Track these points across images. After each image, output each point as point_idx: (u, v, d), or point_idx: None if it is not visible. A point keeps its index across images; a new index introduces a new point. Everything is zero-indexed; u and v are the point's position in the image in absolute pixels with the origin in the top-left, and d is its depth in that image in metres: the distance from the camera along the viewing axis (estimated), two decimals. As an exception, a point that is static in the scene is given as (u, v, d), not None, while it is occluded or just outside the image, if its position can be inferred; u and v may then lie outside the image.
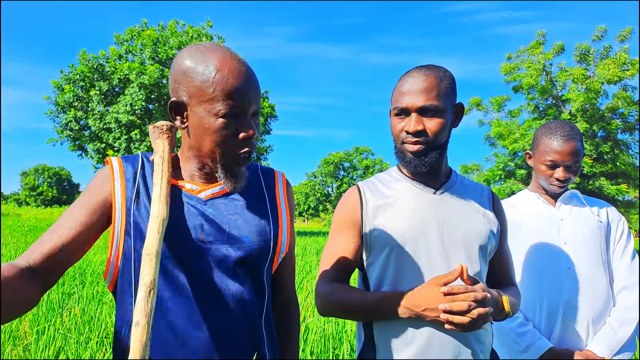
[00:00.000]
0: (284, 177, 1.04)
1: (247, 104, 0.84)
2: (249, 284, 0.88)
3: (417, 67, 1.09)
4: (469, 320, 0.90)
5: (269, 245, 0.92)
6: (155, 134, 0.92)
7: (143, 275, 0.72)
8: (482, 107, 17.17)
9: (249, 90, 0.84)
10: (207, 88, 0.82)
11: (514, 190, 14.99)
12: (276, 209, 0.97)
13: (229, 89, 0.82)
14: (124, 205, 0.85)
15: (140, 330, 0.67)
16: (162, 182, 0.84)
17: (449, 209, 1.10)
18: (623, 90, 14.29)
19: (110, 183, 0.87)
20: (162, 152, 0.89)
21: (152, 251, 0.74)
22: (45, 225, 16.62)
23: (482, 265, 1.08)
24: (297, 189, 47.59)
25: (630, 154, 14.85)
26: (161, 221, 0.78)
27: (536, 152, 1.51)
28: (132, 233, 0.83)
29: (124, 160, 0.91)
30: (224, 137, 0.84)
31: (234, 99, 0.83)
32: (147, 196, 0.86)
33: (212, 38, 19.20)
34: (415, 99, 1.04)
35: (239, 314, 0.86)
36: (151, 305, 0.69)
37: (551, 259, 1.43)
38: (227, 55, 0.84)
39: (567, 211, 1.49)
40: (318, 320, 3.21)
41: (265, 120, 20.24)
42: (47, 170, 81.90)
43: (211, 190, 0.91)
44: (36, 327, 2.99)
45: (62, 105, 17.33)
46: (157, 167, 0.86)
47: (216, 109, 0.83)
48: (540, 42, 15.52)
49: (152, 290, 0.71)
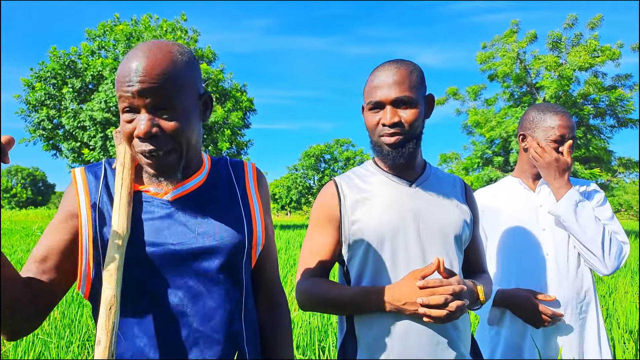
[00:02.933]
0: (254, 167, 1.01)
1: (138, 96, 0.76)
2: (225, 282, 0.86)
3: (387, 62, 1.11)
4: (446, 313, 0.93)
5: (243, 240, 0.89)
6: (117, 139, 0.89)
7: (104, 291, 0.71)
8: (458, 97, 17.42)
9: (137, 79, 0.75)
10: (116, 82, 0.80)
11: (491, 178, 15.32)
12: (248, 202, 0.94)
13: (120, 76, 0.78)
14: (90, 216, 0.83)
15: (102, 348, 0.66)
16: (122, 191, 0.81)
17: (425, 202, 1.12)
18: (594, 77, 14.71)
19: (74, 196, 0.85)
20: (122, 159, 0.85)
21: (111, 267, 0.73)
22: (20, 228, 16.11)
23: (458, 255, 1.11)
24: (279, 182, 47.46)
25: (602, 138, 15.35)
26: (120, 235, 0.76)
27: (538, 131, 1.46)
28: (99, 245, 0.82)
29: (87, 170, 0.88)
30: (126, 137, 0.81)
31: (122, 88, 0.77)
32: (110, 205, 0.84)
33: (186, 32, 18.83)
34: (389, 91, 1.06)
35: (216, 313, 0.84)
36: (114, 322, 0.68)
37: (529, 246, 1.44)
38: (140, 45, 0.80)
39: (546, 196, 1.48)
40: (303, 314, 3.24)
41: (244, 115, 20.04)
42: (20, 171, 79.27)
43: (178, 189, 0.88)
44: (14, 334, 2.91)
45: (34, 104, 16.79)
46: (118, 175, 0.84)
47: (119, 104, 0.80)
48: (514, 30, 15.80)
49: (112, 307, 0.70)
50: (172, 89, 0.78)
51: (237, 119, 18.51)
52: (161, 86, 0.77)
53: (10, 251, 8.12)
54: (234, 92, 19.56)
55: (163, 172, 0.83)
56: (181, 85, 0.80)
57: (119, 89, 0.78)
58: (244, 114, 19.97)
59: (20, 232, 14.10)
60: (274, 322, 1.00)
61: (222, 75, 18.87)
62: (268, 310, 1.01)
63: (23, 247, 8.92)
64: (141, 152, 0.80)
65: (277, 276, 1.03)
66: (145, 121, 0.77)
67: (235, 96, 19.42)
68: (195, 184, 0.90)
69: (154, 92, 0.77)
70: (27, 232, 13.47)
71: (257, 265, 0.97)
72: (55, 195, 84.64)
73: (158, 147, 0.79)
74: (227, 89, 19.41)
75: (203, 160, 0.94)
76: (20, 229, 15.43)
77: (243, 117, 19.80)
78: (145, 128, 0.77)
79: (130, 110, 0.79)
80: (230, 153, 19.44)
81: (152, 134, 0.78)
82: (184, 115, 0.81)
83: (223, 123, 18.41)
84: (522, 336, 1.41)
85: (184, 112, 0.81)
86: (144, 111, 0.78)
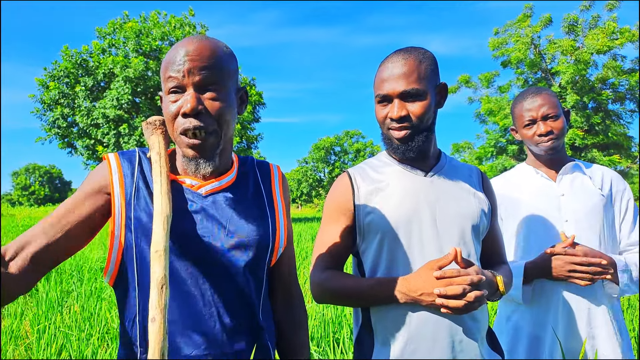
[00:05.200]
0: (280, 170, 1.03)
1: (187, 74, 0.80)
2: (248, 278, 0.88)
3: (396, 52, 1.08)
4: (464, 303, 0.90)
5: (268, 239, 0.91)
6: (148, 131, 0.90)
7: (154, 271, 0.72)
8: (471, 84, 17.13)
9: (187, 57, 0.80)
10: (162, 68, 0.84)
11: (506, 167, 15.10)
12: (272, 203, 0.96)
13: (168, 60, 0.83)
14: (124, 200, 0.84)
15: (157, 325, 0.68)
16: (162, 178, 0.83)
17: (440, 191, 1.09)
18: (613, 60, 14.28)
19: (108, 178, 0.86)
20: (158, 149, 0.87)
21: (160, 248, 0.74)
22: (39, 225, 16.48)
23: (475, 245, 1.08)
24: (289, 175, 47.55)
25: (621, 123, 14.94)
26: (165, 217, 0.78)
27: (516, 123, 1.49)
28: (132, 228, 0.83)
29: (121, 156, 0.89)
30: (171, 116, 0.83)
31: (171, 70, 0.82)
32: (147, 191, 0.85)
33: (194, 27, 18.87)
34: (396, 84, 1.03)
35: (239, 307, 0.87)
36: (165, 301, 0.70)
37: (551, 238, 1.38)
38: (187, 38, 0.84)
39: (568, 185, 1.42)
40: (317, 306, 3.25)
41: (254, 108, 20.07)
42: (37, 169, 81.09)
43: (211, 185, 0.90)
44: (37, 326, 2.99)
45: (48, 103, 17.08)
46: (155, 163, 0.85)
47: (165, 86, 0.83)
48: (528, 15, 15.41)
49: (164, 286, 0.71)
50: (219, 70, 0.83)
51: (246, 113, 18.56)
52: (209, 65, 0.81)
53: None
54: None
55: (204, 151, 0.84)
56: (226, 71, 0.85)
57: (167, 71, 0.82)
58: (253, 108, 20.01)
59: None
60: (292, 320, 1.03)
61: (232, 69, 18.86)
62: (286, 307, 1.03)
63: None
64: (184, 130, 0.82)
65: (295, 274, 1.06)
66: (193, 97, 0.80)
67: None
68: (227, 182, 0.92)
69: (202, 69, 0.81)
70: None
71: (277, 264, 1.00)
72: (72, 192, 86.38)
73: (202, 124, 0.81)
74: (236, 83, 19.41)
75: (232, 158, 0.97)
76: (40, 226, 15.78)
77: (252, 111, 19.84)
78: (193, 104, 0.80)
79: (177, 90, 0.82)
80: (240, 147, 19.53)
81: (198, 111, 0.80)
82: (227, 99, 0.85)
83: (233, 117, 18.44)
84: (542, 327, 1.38)
85: (227, 95, 0.85)
86: (191, 89, 0.81)
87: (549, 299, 1.38)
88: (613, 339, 1.34)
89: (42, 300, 3.76)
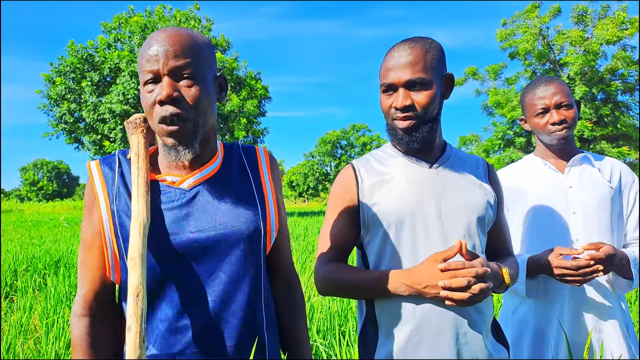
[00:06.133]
0: (267, 152, 1.01)
1: (161, 63, 0.80)
2: (244, 268, 0.87)
3: (402, 41, 1.06)
4: (469, 296, 0.89)
5: (259, 226, 0.90)
6: (130, 130, 0.90)
7: (130, 279, 0.73)
8: (478, 77, 16.95)
9: (160, 47, 0.81)
10: (138, 62, 0.85)
11: (513, 159, 14.97)
12: (261, 187, 0.95)
13: (142, 53, 0.83)
14: (108, 208, 0.85)
15: (134, 334, 0.68)
16: (139, 181, 0.82)
17: (446, 183, 1.08)
18: (622, 51, 14.04)
19: (92, 190, 0.87)
20: (136, 149, 0.86)
21: (135, 255, 0.74)
22: (48, 219, 16.70)
23: (480, 237, 1.07)
24: (296, 169, 47.58)
25: (630, 115, 14.74)
26: (141, 223, 0.77)
27: (527, 112, 1.46)
28: (119, 234, 0.83)
29: (102, 163, 0.90)
30: (149, 106, 0.83)
31: (145, 61, 0.82)
32: (127, 195, 0.86)
33: (200, 21, 18.83)
34: (401, 73, 1.02)
35: (236, 300, 0.85)
36: (142, 308, 0.70)
37: (558, 230, 1.37)
38: (160, 29, 0.85)
39: (577, 177, 1.40)
40: (323, 299, 3.25)
41: (260, 102, 20.03)
42: (45, 164, 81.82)
43: (193, 178, 0.88)
44: (45, 320, 3.03)
45: (55, 99, 17.16)
46: (133, 165, 0.84)
47: (142, 79, 0.84)
48: (536, 5, 15.18)
49: (139, 294, 0.71)
50: (193, 57, 0.83)
51: (252, 107, 18.54)
52: (183, 53, 0.81)
53: (40, 241, 8.47)
54: (249, 80, 19.54)
55: (182, 138, 0.83)
56: (201, 58, 0.84)
57: (142, 62, 0.83)
58: (259, 102, 19.97)
59: (48, 223, 14.63)
60: (291, 305, 1.02)
61: (237, 63, 18.85)
62: (284, 292, 1.03)
63: (51, 238, 9.32)
64: (162, 119, 0.81)
65: (291, 259, 1.06)
66: (168, 84, 0.81)
67: (250, 84, 19.41)
68: (210, 171, 0.90)
69: (176, 57, 0.81)
70: (55, 224, 13.98)
71: (272, 250, 0.98)
72: (80, 187, 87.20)
73: (180, 111, 0.81)
74: (241, 77, 19.40)
75: (217, 147, 0.95)
76: (48, 220, 16.00)
77: (258, 105, 19.80)
78: (168, 90, 0.80)
79: (153, 81, 0.82)
80: (246, 142, 19.54)
81: (173, 97, 0.80)
82: (203, 86, 0.84)
83: (239, 112, 18.47)
84: (548, 321, 1.37)
85: (204, 83, 0.84)
86: (166, 77, 0.81)
87: (555, 293, 1.36)
88: (619, 332, 1.33)
89: (50, 294, 3.80)
